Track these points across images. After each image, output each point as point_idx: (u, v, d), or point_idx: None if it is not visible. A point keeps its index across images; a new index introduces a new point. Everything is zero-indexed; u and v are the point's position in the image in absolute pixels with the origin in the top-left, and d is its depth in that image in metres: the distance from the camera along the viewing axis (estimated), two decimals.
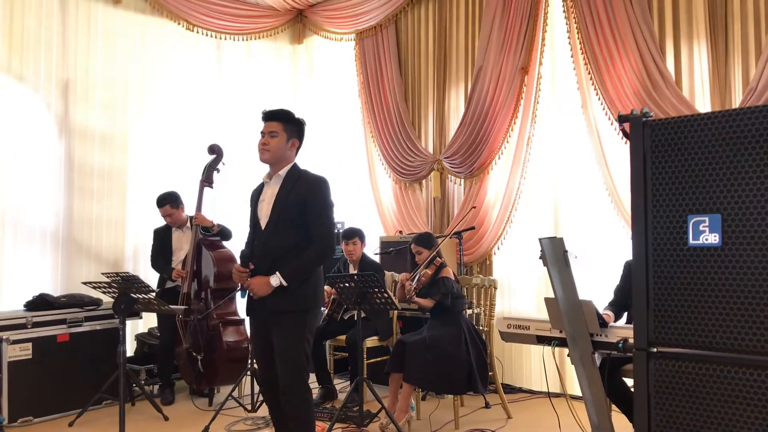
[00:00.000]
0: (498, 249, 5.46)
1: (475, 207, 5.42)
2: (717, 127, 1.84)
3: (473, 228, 5.40)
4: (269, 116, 3.21)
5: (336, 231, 6.01)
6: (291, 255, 3.08)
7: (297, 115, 3.28)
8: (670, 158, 1.92)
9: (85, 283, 4.21)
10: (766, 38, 4.04)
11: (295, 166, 3.24)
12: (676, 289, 1.90)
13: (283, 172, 3.19)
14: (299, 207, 3.10)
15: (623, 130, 2.08)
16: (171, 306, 4.15)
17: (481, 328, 4.68)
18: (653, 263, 1.93)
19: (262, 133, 3.20)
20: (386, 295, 4.05)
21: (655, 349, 1.97)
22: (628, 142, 2.03)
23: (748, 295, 1.78)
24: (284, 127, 3.18)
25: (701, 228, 1.85)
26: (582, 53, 4.84)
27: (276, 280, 3.04)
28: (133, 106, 5.99)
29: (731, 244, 1.81)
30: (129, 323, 5.26)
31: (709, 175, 1.85)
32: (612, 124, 4.65)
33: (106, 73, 5.81)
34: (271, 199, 3.16)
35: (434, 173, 5.88)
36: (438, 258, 4.52)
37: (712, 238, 1.84)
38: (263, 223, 3.16)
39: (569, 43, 5.01)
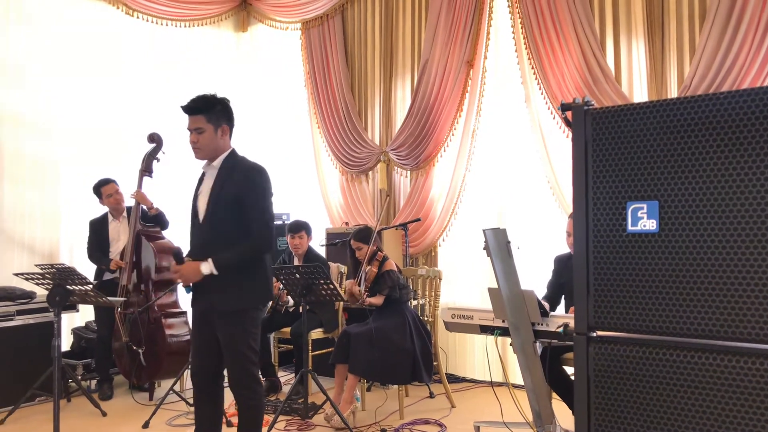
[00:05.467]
0: (443, 240, 5.51)
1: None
2: (656, 116, 1.89)
3: (419, 220, 5.45)
4: (190, 111, 3.01)
5: (281, 222, 5.98)
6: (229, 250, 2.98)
7: (218, 96, 3.07)
8: (610, 146, 1.96)
9: (16, 275, 4.03)
10: (699, 38, 4.20)
11: (231, 153, 3.09)
12: (615, 274, 1.95)
13: (217, 162, 3.05)
14: (235, 199, 2.96)
15: (565, 119, 2.12)
16: (109, 297, 4.03)
17: (425, 318, 4.72)
18: (593, 249, 1.98)
19: (189, 129, 3.03)
20: (332, 286, 4.04)
21: (594, 334, 2.03)
22: (570, 131, 2.07)
23: (683, 279, 1.84)
24: (208, 118, 2.99)
25: (639, 215, 1.91)
26: (526, 48, 4.92)
27: (207, 267, 2.92)
28: (66, 92, 5.74)
29: (668, 230, 1.87)
30: (65, 317, 5.08)
31: (648, 162, 1.90)
32: (554, 118, 4.75)
33: (37, 57, 5.56)
34: (208, 192, 3.03)
35: (381, 165, 5.88)
36: (380, 252, 4.53)
37: (650, 225, 1.89)
38: (201, 218, 3.05)
39: (513, 38, 5.09)
